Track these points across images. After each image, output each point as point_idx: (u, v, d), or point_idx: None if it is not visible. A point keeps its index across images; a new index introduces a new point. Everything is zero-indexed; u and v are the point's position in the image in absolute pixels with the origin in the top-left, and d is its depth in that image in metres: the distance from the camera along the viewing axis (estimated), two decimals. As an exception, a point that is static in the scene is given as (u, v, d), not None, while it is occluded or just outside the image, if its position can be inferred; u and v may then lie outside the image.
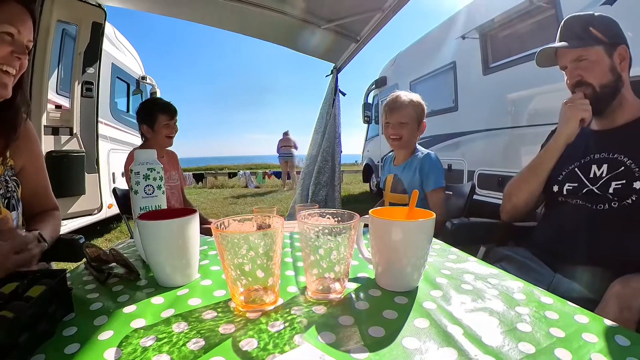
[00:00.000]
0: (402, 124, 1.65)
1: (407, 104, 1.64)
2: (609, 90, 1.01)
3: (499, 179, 3.91)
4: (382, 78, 7.68)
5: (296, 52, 3.78)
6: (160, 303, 0.57)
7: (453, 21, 4.92)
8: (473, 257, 0.84)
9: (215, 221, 0.56)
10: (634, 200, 0.91)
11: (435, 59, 5.33)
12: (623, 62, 1.00)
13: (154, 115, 2.00)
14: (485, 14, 4.20)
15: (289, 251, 0.89)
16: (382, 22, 2.95)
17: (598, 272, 0.88)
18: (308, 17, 3.06)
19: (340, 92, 4.13)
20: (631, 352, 0.44)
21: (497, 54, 4.14)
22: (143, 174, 0.77)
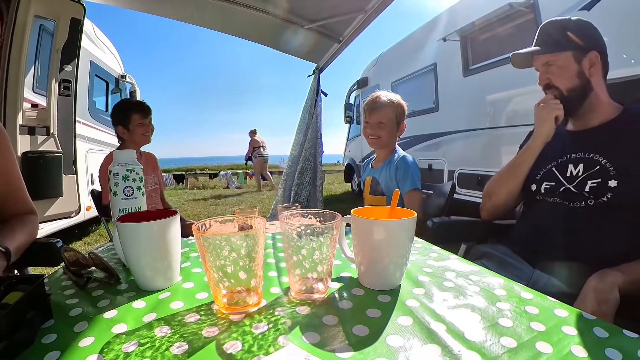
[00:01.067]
0: (380, 124, 1.66)
1: (386, 105, 1.66)
2: (576, 94, 1.05)
3: (479, 178, 3.99)
4: (363, 79, 7.73)
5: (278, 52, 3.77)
6: (142, 307, 0.56)
7: (434, 23, 5.00)
8: (454, 255, 0.85)
9: (196, 223, 0.56)
10: (609, 198, 0.94)
11: (417, 61, 5.40)
12: (593, 67, 1.03)
13: (128, 115, 1.99)
14: (466, 17, 4.28)
15: (271, 252, 0.88)
16: (365, 23, 2.97)
17: (575, 267, 0.90)
18: (291, 17, 3.05)
19: (322, 92, 4.14)
20: (609, 344, 0.45)
21: (477, 56, 4.23)
22: (122, 175, 0.75)
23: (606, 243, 0.93)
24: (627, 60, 2.44)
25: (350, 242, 0.71)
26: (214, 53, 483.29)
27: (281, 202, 4.31)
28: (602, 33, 1.06)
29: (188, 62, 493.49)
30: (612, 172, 0.94)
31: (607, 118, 1.03)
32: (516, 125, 3.48)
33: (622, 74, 1.15)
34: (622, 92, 1.11)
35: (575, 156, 1.05)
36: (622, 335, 0.48)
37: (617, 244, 0.92)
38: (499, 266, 1.02)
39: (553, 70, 1.07)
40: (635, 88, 1.11)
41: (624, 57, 2.44)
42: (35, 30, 3.21)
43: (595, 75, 1.04)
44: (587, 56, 1.03)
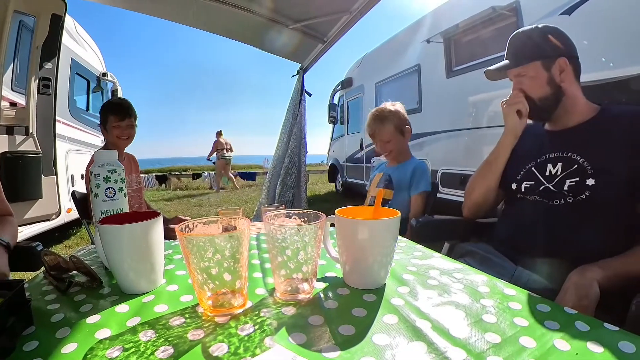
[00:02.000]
0: (386, 143, 1.82)
1: (381, 123, 1.80)
2: (549, 101, 1.08)
3: (461, 178, 4.06)
4: (348, 79, 7.78)
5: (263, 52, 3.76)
6: (125, 311, 0.55)
7: (419, 25, 5.06)
8: (438, 253, 0.87)
9: (179, 224, 0.55)
10: (587, 196, 0.96)
11: (401, 62, 5.47)
12: (563, 73, 1.06)
13: (106, 115, 1.95)
14: (450, 19, 4.35)
15: (255, 253, 0.88)
16: (350, 24, 2.99)
17: (556, 263, 0.92)
18: (276, 16, 3.04)
19: (306, 92, 4.14)
20: (591, 337, 0.47)
21: (460, 58, 4.30)
22: (104, 176, 0.73)
23: (585, 240, 0.95)
24: (605, 64, 2.52)
25: (334, 242, 0.72)
26: (197, 52, 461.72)
27: (265, 203, 4.30)
28: (581, 37, 1.09)
29: (171, 61, 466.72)
30: (590, 171, 0.97)
31: (584, 118, 1.06)
32: (498, 126, 3.55)
33: (601, 76, 1.19)
34: (600, 94, 1.15)
35: (554, 155, 1.07)
36: (603, 328, 0.49)
37: (596, 240, 0.94)
38: (482, 264, 1.04)
39: (524, 81, 1.11)
40: (612, 90, 1.14)
41: (602, 61, 2.53)
42: (14, 26, 3.12)
43: (566, 79, 1.07)
44: (555, 63, 1.06)
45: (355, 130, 7.55)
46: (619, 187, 0.94)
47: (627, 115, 0.99)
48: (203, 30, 3.36)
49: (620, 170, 0.93)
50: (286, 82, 4.39)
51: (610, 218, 0.95)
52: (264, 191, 4.45)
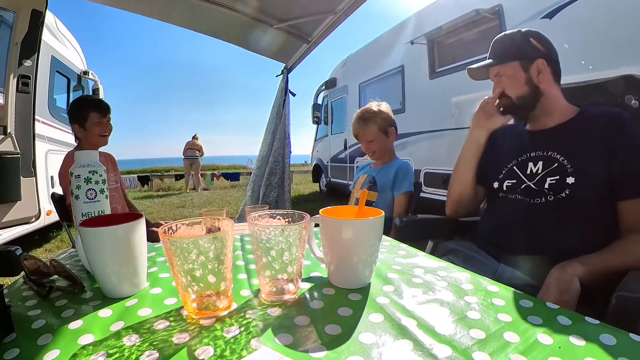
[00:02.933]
0: (369, 143, 1.84)
1: (365, 124, 1.82)
2: (526, 100, 1.11)
3: (444, 177, 4.12)
4: (332, 79, 7.80)
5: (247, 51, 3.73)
6: (108, 316, 0.54)
7: (403, 27, 5.12)
8: (422, 252, 0.88)
9: (162, 226, 0.54)
10: (568, 194, 0.99)
11: (385, 62, 5.52)
12: (541, 74, 1.09)
13: (84, 113, 1.89)
14: (433, 21, 4.42)
15: (240, 254, 0.87)
16: (334, 24, 3.00)
17: (538, 260, 0.94)
18: (260, 15, 3.03)
19: (290, 92, 4.14)
20: (573, 331, 0.48)
21: (443, 59, 4.37)
22: (84, 178, 0.72)
23: (566, 236, 0.98)
24: (585, 66, 2.61)
25: (319, 242, 0.72)
26: (181, 50, 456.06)
27: (249, 203, 4.27)
28: (562, 41, 1.13)
29: (154, 60, 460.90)
30: (570, 169, 1.00)
31: (564, 119, 1.09)
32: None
33: (581, 78, 1.23)
34: (580, 95, 1.19)
35: (534, 154, 1.10)
36: (585, 322, 0.51)
37: (576, 237, 0.97)
38: (465, 261, 1.05)
39: (503, 80, 1.14)
40: (592, 91, 1.19)
41: (582, 63, 2.61)
42: (-7, 22, 3.01)
43: (544, 80, 1.10)
44: (534, 64, 1.09)
45: (339, 130, 7.58)
46: (598, 185, 0.97)
47: (604, 116, 1.02)
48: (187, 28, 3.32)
49: (599, 169, 0.96)
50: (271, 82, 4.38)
51: (590, 215, 0.98)
52: (248, 192, 4.42)
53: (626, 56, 2.46)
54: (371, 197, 1.77)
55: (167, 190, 10.31)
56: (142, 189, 10.48)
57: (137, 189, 10.37)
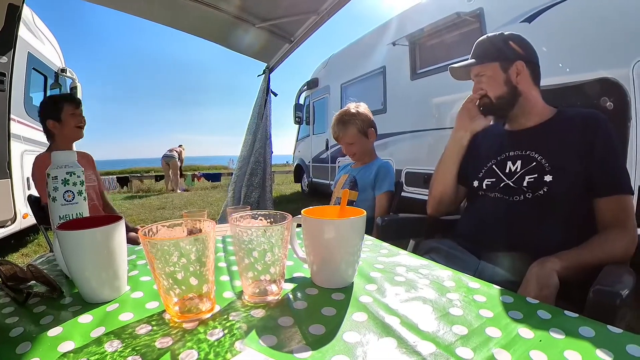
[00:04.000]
0: (349, 145, 1.85)
1: (344, 126, 1.83)
2: (505, 100, 1.15)
3: (425, 177, 4.19)
4: (314, 79, 7.80)
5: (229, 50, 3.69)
6: (89, 322, 0.52)
7: (385, 28, 5.16)
8: (404, 251, 0.89)
9: (142, 228, 0.53)
10: (545, 192, 1.02)
11: (367, 63, 5.55)
12: (519, 75, 1.13)
13: (58, 106, 1.88)
14: (415, 23, 4.47)
15: (222, 256, 0.86)
16: (317, 25, 3.00)
17: (517, 256, 0.97)
18: (243, 14, 3.00)
19: (272, 92, 4.12)
20: (553, 324, 0.50)
21: (425, 61, 4.44)
22: (62, 179, 0.69)
23: (544, 233, 1.01)
24: (562, 69, 2.70)
25: (301, 242, 0.72)
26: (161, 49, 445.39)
27: (231, 204, 4.23)
28: (541, 44, 1.16)
29: (134, 58, 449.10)
30: (548, 168, 1.03)
31: (542, 119, 1.13)
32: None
33: (558, 80, 1.28)
34: (558, 97, 1.24)
35: (513, 154, 1.13)
36: (564, 315, 0.53)
37: (554, 233, 1.00)
38: (447, 259, 1.07)
39: (483, 80, 1.18)
40: (569, 93, 1.24)
41: (559, 66, 2.70)
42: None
43: (522, 82, 1.13)
44: (513, 66, 1.13)
45: (321, 130, 7.59)
46: (575, 183, 1.00)
47: (581, 116, 1.06)
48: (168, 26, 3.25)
49: (576, 168, 1.00)
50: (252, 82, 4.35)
51: (567, 212, 1.01)
52: (229, 192, 4.37)
53: (602, 60, 2.56)
54: (352, 197, 1.79)
55: (147, 191, 10.10)
56: (121, 190, 10.23)
57: (116, 190, 10.12)
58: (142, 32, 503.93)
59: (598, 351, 0.43)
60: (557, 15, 2.85)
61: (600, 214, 0.99)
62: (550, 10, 2.89)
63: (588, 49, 2.66)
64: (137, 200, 8.26)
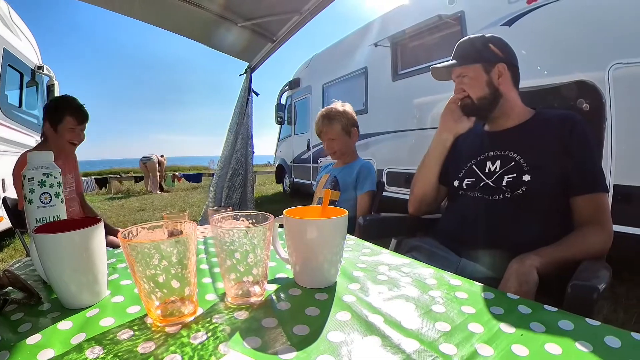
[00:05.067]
0: (332, 140, 1.86)
1: (329, 122, 1.84)
2: (486, 101, 1.17)
3: (406, 176, 4.25)
4: (295, 79, 7.79)
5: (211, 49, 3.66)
6: (69, 328, 0.51)
7: (367, 29, 5.20)
8: (385, 250, 0.90)
9: (122, 230, 0.52)
10: (524, 191, 1.05)
11: (349, 64, 5.58)
12: (501, 77, 1.16)
13: (61, 114, 1.78)
14: (397, 24, 4.52)
15: (203, 257, 0.85)
16: (300, 25, 3.00)
17: (497, 253, 0.99)
18: (226, 13, 2.98)
19: (254, 92, 4.09)
20: (533, 318, 0.52)
21: (406, 62, 4.49)
22: (38, 180, 0.67)
23: (523, 230, 1.03)
24: (540, 72, 2.78)
25: (284, 242, 0.72)
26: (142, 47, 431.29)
27: (212, 205, 4.18)
28: (520, 47, 1.19)
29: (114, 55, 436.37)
30: (526, 168, 1.06)
31: (520, 120, 1.16)
32: (440, 127, 3.78)
33: (536, 83, 1.32)
34: (536, 99, 1.27)
35: (493, 154, 1.16)
36: (544, 310, 0.54)
37: (533, 230, 1.02)
38: (428, 257, 1.09)
39: (465, 81, 1.20)
40: (546, 95, 1.28)
41: (538, 69, 2.78)
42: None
43: (504, 84, 1.16)
44: (495, 68, 1.15)
45: (303, 130, 7.58)
46: (552, 182, 1.03)
47: (558, 117, 1.09)
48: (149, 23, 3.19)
49: (553, 167, 1.03)
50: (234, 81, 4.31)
51: (545, 210, 1.04)
52: (210, 193, 4.31)
53: (578, 63, 2.65)
54: (334, 197, 1.78)
55: (126, 192, 9.88)
56: (100, 191, 9.97)
57: (94, 191, 9.86)
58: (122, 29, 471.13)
59: (577, 343, 0.45)
60: (535, 19, 2.93)
61: (577, 212, 1.02)
62: (529, 15, 2.97)
63: (565, 52, 2.75)
64: (116, 201, 8.08)
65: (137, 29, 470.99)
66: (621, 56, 2.39)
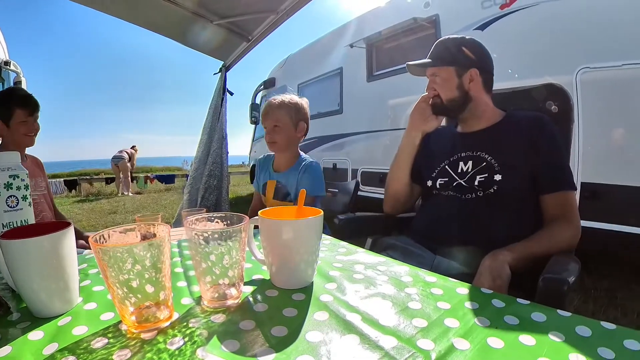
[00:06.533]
0: (275, 127, 1.60)
1: (278, 106, 1.61)
2: (455, 103, 1.21)
3: (381, 176, 4.31)
4: (270, 79, 7.74)
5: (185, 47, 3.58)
6: (40, 338, 0.49)
7: (343, 30, 5.22)
8: (361, 249, 0.91)
9: (93, 234, 0.51)
10: (495, 190, 1.09)
11: (324, 64, 5.60)
12: (472, 82, 1.19)
13: (9, 108, 1.68)
14: (373, 26, 4.56)
15: (178, 260, 0.84)
16: (276, 24, 2.98)
17: (471, 250, 1.02)
18: (200, 10, 2.91)
19: (228, 91, 4.04)
20: (507, 312, 0.54)
21: (381, 63, 4.56)
22: (4, 183, 0.64)
23: (495, 228, 1.07)
24: (511, 75, 2.89)
25: (259, 243, 0.72)
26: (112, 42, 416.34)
27: (187, 207, 4.09)
28: (492, 50, 1.23)
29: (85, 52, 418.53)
30: (497, 168, 1.10)
31: (492, 122, 1.20)
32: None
33: (508, 85, 1.37)
34: (506, 101, 1.32)
35: (465, 154, 1.19)
36: (517, 303, 0.57)
37: (504, 227, 1.06)
38: (404, 255, 1.11)
39: (437, 81, 1.23)
40: (517, 97, 1.33)
41: (509, 72, 2.89)
42: None
43: (474, 88, 1.20)
44: (467, 72, 1.19)
45: (277, 130, 7.54)
46: (523, 181, 1.07)
47: (528, 119, 1.14)
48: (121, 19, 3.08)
49: (523, 167, 1.07)
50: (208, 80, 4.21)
51: (516, 208, 1.08)
52: (184, 195, 4.21)
53: (548, 67, 2.76)
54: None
55: (97, 195, 9.54)
56: (69, 194, 9.57)
57: (64, 194, 9.45)
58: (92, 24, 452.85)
59: (550, 334, 0.47)
60: (507, 24, 3.04)
61: (546, 209, 1.07)
62: (501, 20, 3.08)
63: (536, 56, 2.86)
64: (86, 204, 7.78)
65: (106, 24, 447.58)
66: (588, 61, 2.51)
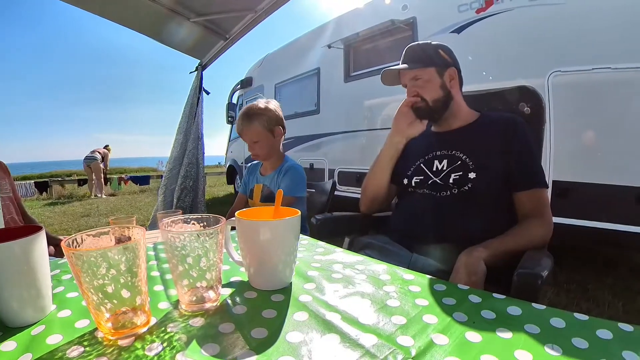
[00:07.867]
0: (254, 143, 1.68)
1: (249, 121, 1.66)
2: (440, 104, 1.23)
3: (357, 176, 4.37)
4: (247, 79, 7.67)
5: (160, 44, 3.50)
6: (13, 349, 0.47)
7: (321, 30, 5.24)
8: (339, 248, 0.92)
9: (66, 238, 0.49)
10: (470, 188, 1.12)
11: (301, 64, 5.60)
12: (452, 81, 1.23)
13: None
14: (351, 27, 4.60)
15: (154, 264, 0.82)
16: (254, 23, 2.96)
17: (447, 247, 1.04)
18: (177, 7, 2.86)
19: (205, 90, 3.98)
20: (483, 306, 0.55)
21: (358, 64, 4.60)
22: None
23: (470, 225, 1.10)
24: (486, 77, 2.98)
25: (237, 245, 0.71)
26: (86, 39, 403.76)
27: (162, 209, 3.99)
28: (467, 53, 1.28)
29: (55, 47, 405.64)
30: (471, 166, 1.13)
31: (466, 122, 1.24)
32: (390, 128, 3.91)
33: (482, 87, 1.42)
34: (481, 102, 1.36)
35: (440, 153, 1.22)
36: (493, 298, 0.59)
37: (479, 224, 1.09)
38: (381, 254, 1.12)
39: (420, 83, 1.24)
40: (491, 99, 1.38)
41: (483, 74, 2.98)
42: None
43: (454, 87, 1.24)
44: (447, 71, 1.22)
45: (254, 130, 7.48)
46: (496, 179, 1.11)
47: (501, 119, 1.18)
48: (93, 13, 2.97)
49: (497, 166, 1.11)
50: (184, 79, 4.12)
51: (490, 205, 1.11)
52: (159, 196, 4.11)
53: (520, 69, 2.88)
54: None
55: (69, 197, 9.20)
56: (40, 196, 9.19)
57: (34, 197, 9.07)
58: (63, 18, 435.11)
59: (526, 327, 0.49)
60: (483, 28, 3.12)
61: (519, 206, 1.11)
62: (477, 24, 3.16)
63: (509, 60, 2.96)
64: (58, 207, 7.51)
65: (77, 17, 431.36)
66: (560, 65, 2.63)
